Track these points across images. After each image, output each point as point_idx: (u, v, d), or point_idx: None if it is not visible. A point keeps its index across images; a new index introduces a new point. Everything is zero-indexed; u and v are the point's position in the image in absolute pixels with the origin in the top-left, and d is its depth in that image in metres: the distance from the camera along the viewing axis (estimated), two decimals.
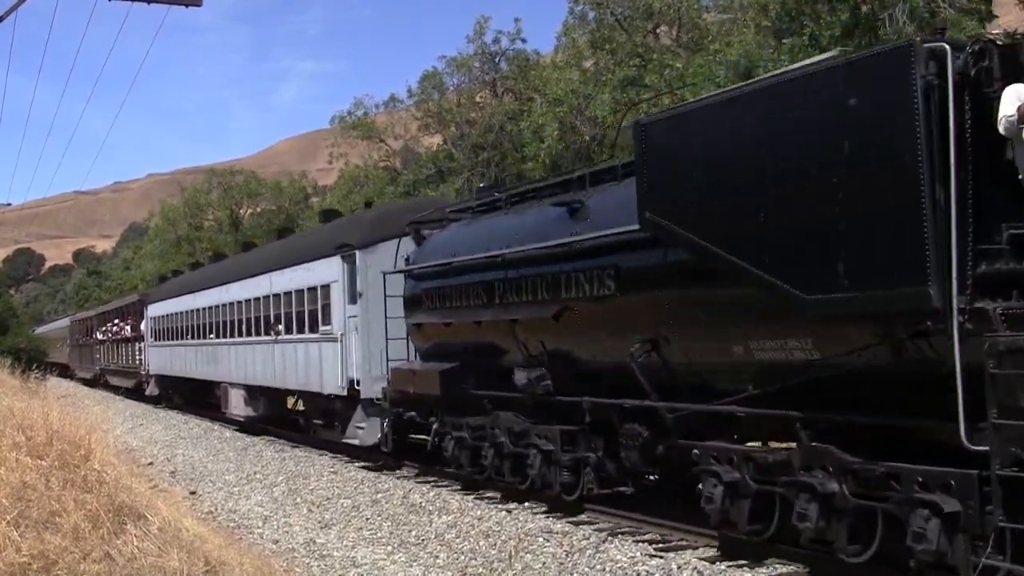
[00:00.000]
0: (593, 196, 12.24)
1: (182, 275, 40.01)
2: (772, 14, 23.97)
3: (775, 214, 8.40)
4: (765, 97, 8.74)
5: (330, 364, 18.95)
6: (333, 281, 18.98)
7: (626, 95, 29.39)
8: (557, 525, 11.78)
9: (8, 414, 12.16)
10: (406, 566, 11.12)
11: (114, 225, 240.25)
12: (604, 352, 11.59)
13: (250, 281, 24.89)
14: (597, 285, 11.37)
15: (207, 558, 8.02)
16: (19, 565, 7.27)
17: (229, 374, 26.74)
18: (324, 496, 15.66)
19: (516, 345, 13.42)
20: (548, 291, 12.41)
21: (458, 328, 14.86)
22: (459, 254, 14.73)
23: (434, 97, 42.13)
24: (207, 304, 29.20)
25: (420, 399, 15.80)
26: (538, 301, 12.63)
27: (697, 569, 9.46)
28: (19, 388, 21.45)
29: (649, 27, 32.40)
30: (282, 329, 22.03)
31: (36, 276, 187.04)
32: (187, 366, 32.00)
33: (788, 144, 8.34)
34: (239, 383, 25.71)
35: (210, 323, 28.77)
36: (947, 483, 7.44)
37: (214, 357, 28.28)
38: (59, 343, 68.61)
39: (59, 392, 33.26)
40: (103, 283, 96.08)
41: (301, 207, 62.08)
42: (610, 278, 11.13)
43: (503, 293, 13.43)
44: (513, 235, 13.51)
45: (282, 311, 22.14)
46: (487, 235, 14.41)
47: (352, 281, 18.33)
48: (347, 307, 18.40)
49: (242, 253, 32.22)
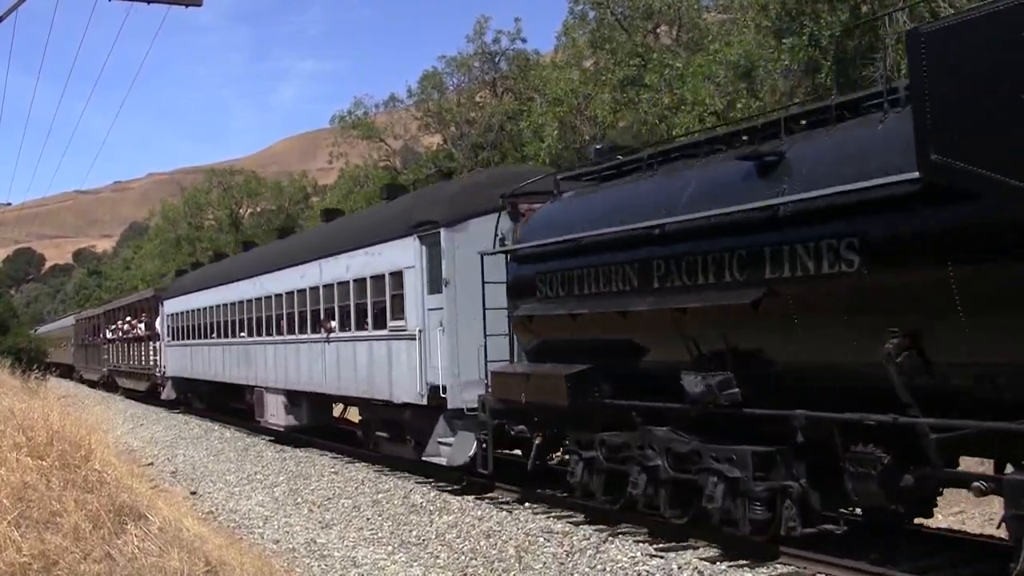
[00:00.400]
0: (795, 146, 9.47)
1: (203, 268, 36.75)
2: (772, 14, 23.96)
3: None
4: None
5: (403, 367, 15.77)
6: (407, 267, 15.73)
7: (626, 95, 29.43)
8: (558, 525, 11.77)
9: (8, 414, 12.16)
10: (407, 566, 11.12)
11: (114, 225, 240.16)
12: (832, 350, 8.79)
13: (292, 271, 21.42)
14: (829, 260, 8.50)
15: (208, 558, 8.02)
16: (20, 565, 7.27)
17: (265, 377, 23.39)
18: (325, 496, 15.66)
19: (681, 342, 10.37)
20: (740, 271, 9.48)
21: (589, 321, 11.66)
22: (580, 229, 11.93)
23: (434, 97, 42.19)
24: (237, 299, 25.85)
25: (534, 410, 12.72)
26: (723, 284, 9.67)
27: (697, 569, 9.46)
28: (19, 388, 21.47)
29: (649, 27, 32.40)
30: (335, 326, 18.96)
31: (36, 276, 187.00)
32: (211, 368, 28.80)
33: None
34: (277, 387, 22.37)
35: (241, 320, 25.51)
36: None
37: (246, 358, 25.01)
38: (63, 343, 66.37)
39: (60, 392, 33.22)
40: (103, 283, 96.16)
41: (301, 207, 62.15)
42: (852, 250, 8.31)
43: (664, 275, 10.48)
44: (670, 201, 10.64)
45: (336, 304, 18.88)
46: (624, 204, 11.63)
47: (435, 266, 15.03)
48: (427, 298, 15.18)
49: (277, 241, 27.96)
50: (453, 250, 14.66)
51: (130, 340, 41.86)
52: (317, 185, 70.87)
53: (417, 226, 15.52)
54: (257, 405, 23.90)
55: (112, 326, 45.98)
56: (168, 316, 34.46)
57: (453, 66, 41.87)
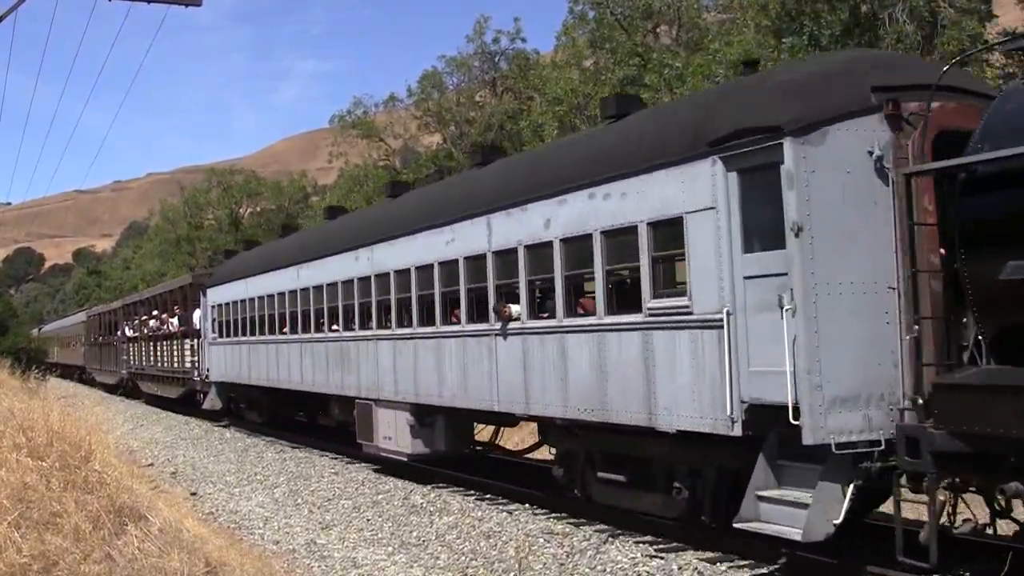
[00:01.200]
0: None
1: (263, 246, 30.09)
2: (772, 14, 23.96)
3: None
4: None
5: (685, 372, 10.17)
6: (695, 210, 10.02)
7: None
8: (558, 526, 11.77)
9: (8, 415, 12.15)
10: (407, 567, 11.11)
11: (114, 224, 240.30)
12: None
13: (430, 236, 15.35)
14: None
15: (208, 559, 8.03)
16: (20, 566, 7.27)
17: (376, 385, 17.22)
18: (325, 497, 15.66)
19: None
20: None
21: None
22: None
23: (434, 97, 42.22)
24: (325, 280, 19.54)
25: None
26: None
27: (698, 569, 9.46)
28: (19, 389, 21.45)
29: (649, 27, 32.40)
30: (517, 311, 13.14)
31: (36, 276, 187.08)
32: (277, 371, 22.49)
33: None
34: (399, 400, 16.38)
35: (332, 308, 19.24)
36: None
37: (341, 359, 18.76)
38: (72, 342, 61.57)
39: (60, 393, 33.19)
40: (103, 283, 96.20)
41: (301, 206, 62.20)
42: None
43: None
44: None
45: (522, 279, 12.91)
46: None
47: (760, 204, 9.40)
48: (741, 259, 9.57)
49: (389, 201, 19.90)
50: (806, 176, 8.90)
51: (158, 338, 35.68)
52: (317, 185, 70.94)
53: (722, 141, 9.68)
54: (361, 424, 17.77)
55: (134, 321, 40.80)
56: (213, 307, 27.94)
57: (453, 66, 41.95)
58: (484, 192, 14.35)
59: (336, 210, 25.56)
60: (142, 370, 38.27)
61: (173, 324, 33.41)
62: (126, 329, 42.02)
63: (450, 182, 19.26)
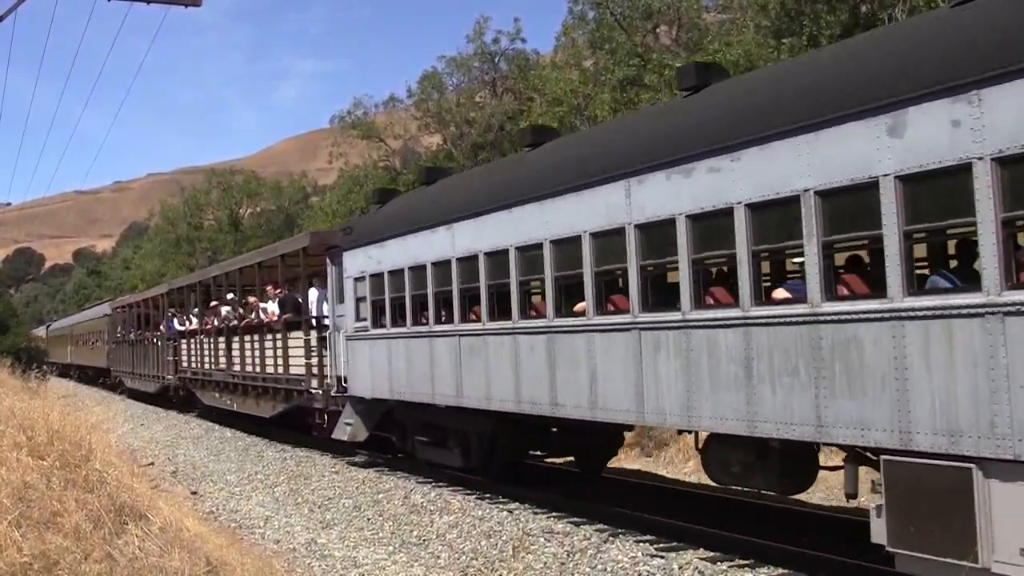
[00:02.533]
0: None
1: (468, 172, 21.46)
2: (772, 14, 23.96)
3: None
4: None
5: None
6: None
7: (626, 95, 29.41)
8: (558, 525, 11.77)
9: (9, 414, 12.16)
10: (407, 566, 11.12)
11: (114, 225, 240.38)
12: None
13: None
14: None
15: (208, 558, 8.03)
16: (20, 565, 7.27)
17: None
18: (326, 496, 15.66)
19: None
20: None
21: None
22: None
23: (434, 97, 42.21)
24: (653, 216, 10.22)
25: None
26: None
27: (698, 569, 9.46)
28: (20, 388, 21.47)
29: (649, 27, 32.39)
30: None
31: (36, 276, 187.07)
32: (516, 385, 12.69)
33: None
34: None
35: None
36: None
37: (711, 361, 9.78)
38: (92, 339, 50.76)
39: (60, 392, 33.16)
40: (103, 283, 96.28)
41: (301, 207, 62.23)
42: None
43: None
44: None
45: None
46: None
47: None
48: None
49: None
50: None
51: (235, 331, 25.71)
52: (317, 185, 71.01)
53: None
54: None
55: (191, 310, 31.25)
56: (356, 280, 17.68)
57: (453, 66, 41.94)
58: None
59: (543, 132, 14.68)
60: (208, 376, 28.40)
61: (271, 310, 22.93)
62: (173, 322, 33.01)
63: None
